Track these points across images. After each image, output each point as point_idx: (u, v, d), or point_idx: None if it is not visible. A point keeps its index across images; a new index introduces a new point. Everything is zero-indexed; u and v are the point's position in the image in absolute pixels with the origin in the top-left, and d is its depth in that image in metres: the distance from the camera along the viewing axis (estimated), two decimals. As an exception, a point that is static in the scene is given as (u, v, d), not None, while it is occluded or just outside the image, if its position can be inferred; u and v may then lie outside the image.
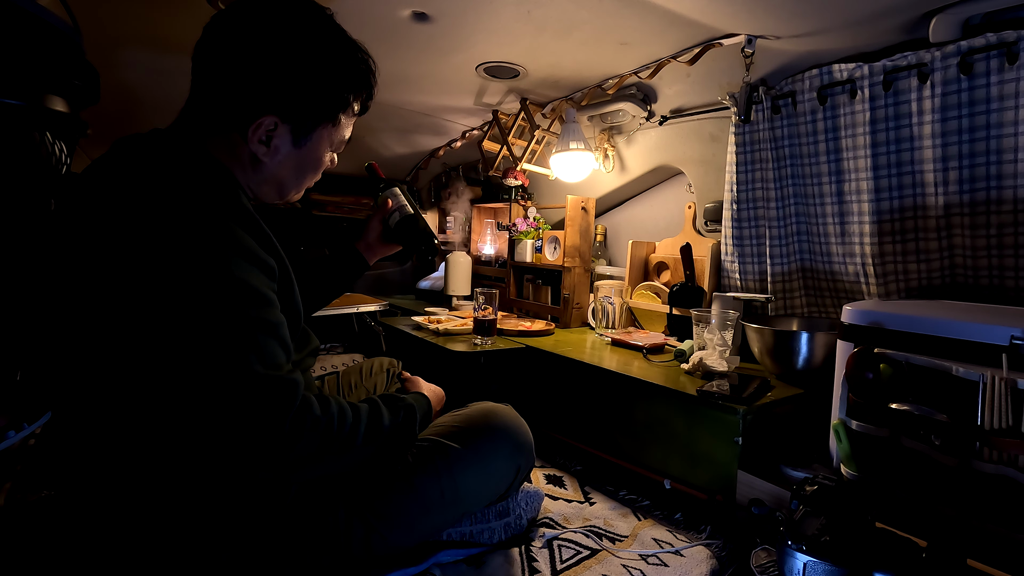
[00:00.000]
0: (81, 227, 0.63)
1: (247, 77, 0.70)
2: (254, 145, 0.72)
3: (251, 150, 0.72)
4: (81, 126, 0.98)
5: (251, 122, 0.71)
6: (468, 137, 2.18)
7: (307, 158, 0.78)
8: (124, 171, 0.65)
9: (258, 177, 0.76)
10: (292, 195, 0.83)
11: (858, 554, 0.72)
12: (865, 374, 0.90)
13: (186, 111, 0.74)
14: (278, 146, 0.74)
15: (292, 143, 0.75)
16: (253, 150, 0.72)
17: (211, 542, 0.68)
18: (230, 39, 0.70)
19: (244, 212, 0.68)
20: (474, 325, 1.49)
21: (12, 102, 0.84)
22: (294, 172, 0.79)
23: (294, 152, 0.76)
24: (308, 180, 0.82)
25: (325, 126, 0.77)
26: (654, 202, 1.93)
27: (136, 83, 1.55)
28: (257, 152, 0.73)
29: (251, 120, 0.70)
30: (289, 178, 0.79)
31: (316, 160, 0.80)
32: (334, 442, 0.68)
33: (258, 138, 0.72)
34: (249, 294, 0.63)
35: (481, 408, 0.95)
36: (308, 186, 0.84)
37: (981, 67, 1.02)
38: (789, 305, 1.41)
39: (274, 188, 0.79)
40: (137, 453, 0.65)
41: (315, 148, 0.78)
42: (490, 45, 1.42)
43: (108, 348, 0.62)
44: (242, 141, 0.72)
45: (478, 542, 0.94)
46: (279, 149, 0.74)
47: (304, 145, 0.76)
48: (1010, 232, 1.04)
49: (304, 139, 0.76)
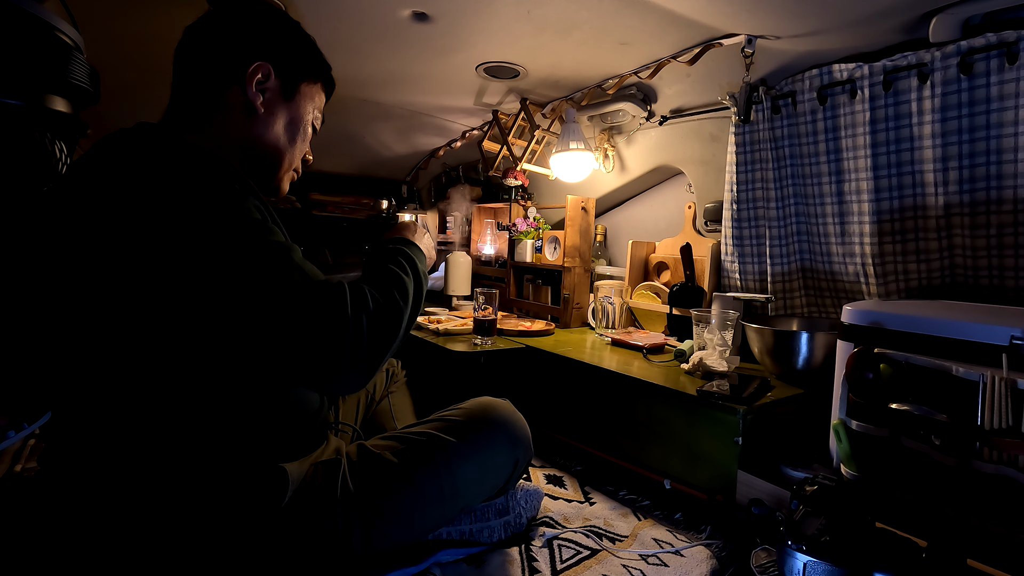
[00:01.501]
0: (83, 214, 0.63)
1: (241, 32, 0.78)
2: (251, 93, 0.77)
3: (248, 99, 0.77)
4: (81, 126, 0.98)
5: (247, 67, 0.77)
6: (468, 137, 2.18)
7: (295, 116, 0.84)
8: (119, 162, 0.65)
9: (253, 137, 0.79)
10: (282, 171, 0.86)
11: (858, 554, 0.72)
12: (865, 374, 0.90)
13: (172, 104, 0.78)
14: (271, 99, 0.80)
15: (283, 96, 0.81)
16: (250, 98, 0.77)
17: (211, 539, 0.68)
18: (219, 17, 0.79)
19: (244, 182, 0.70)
20: (474, 325, 1.49)
21: (12, 102, 0.84)
22: (286, 130, 0.83)
23: (285, 105, 0.82)
24: (296, 149, 0.86)
25: (308, 83, 0.85)
26: (654, 202, 1.93)
27: (136, 83, 1.55)
28: (254, 101, 0.78)
29: (248, 65, 0.77)
30: (281, 139, 0.83)
31: (303, 120, 0.85)
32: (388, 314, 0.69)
33: (254, 85, 0.77)
34: (266, 227, 0.66)
35: (479, 402, 0.95)
36: (295, 164, 0.88)
37: (981, 67, 1.02)
38: (789, 305, 1.41)
39: (267, 156, 0.82)
40: (146, 446, 0.65)
41: (302, 104, 0.84)
42: (490, 45, 1.42)
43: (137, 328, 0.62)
44: (240, 94, 0.77)
45: (478, 541, 0.94)
46: (272, 103, 0.80)
47: (293, 100, 0.83)
48: (1010, 232, 1.04)
49: (293, 93, 0.82)
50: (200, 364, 0.65)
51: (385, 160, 2.46)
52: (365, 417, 1.21)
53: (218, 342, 0.64)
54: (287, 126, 0.83)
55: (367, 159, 2.42)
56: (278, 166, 0.84)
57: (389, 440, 0.87)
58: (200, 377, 0.66)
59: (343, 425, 1.09)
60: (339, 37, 1.37)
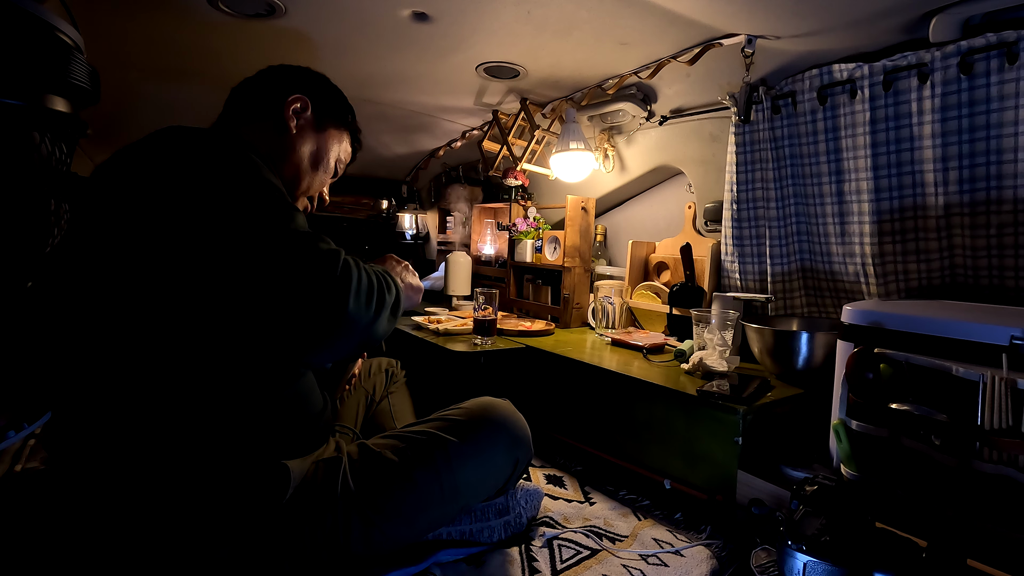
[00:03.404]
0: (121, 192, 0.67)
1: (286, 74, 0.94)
2: (288, 115, 0.89)
3: (284, 117, 0.89)
4: (81, 126, 0.98)
5: (287, 97, 0.89)
6: (468, 137, 2.18)
7: (320, 147, 0.93)
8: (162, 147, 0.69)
9: (279, 152, 0.88)
10: (298, 191, 0.93)
11: (858, 554, 0.72)
12: (865, 374, 0.90)
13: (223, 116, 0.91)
14: (303, 126, 0.91)
15: (314, 126, 0.92)
16: (286, 117, 0.89)
17: (211, 538, 0.68)
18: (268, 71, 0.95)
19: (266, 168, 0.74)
20: (474, 325, 1.49)
21: (12, 102, 0.84)
22: (308, 157, 0.92)
23: (312, 135, 0.92)
24: (316, 177, 0.94)
25: (337, 127, 0.96)
26: (654, 202, 1.93)
27: (136, 83, 1.56)
28: (289, 120, 0.89)
29: (288, 95, 0.89)
30: (304, 163, 0.91)
31: (326, 153, 0.94)
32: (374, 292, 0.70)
33: (291, 110, 0.89)
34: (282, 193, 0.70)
35: (479, 402, 0.96)
36: (311, 191, 0.95)
37: (981, 67, 1.02)
38: (789, 305, 1.41)
39: (289, 171, 0.90)
40: (146, 440, 0.65)
41: (328, 140, 0.94)
42: (490, 45, 1.42)
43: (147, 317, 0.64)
44: (278, 116, 0.89)
45: (478, 541, 0.94)
46: (303, 129, 0.91)
47: (322, 132, 0.93)
48: (1010, 232, 1.04)
49: (322, 128, 0.93)
50: (208, 356, 0.66)
51: (385, 160, 2.46)
52: (365, 417, 1.21)
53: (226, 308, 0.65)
54: (312, 153, 0.92)
55: (367, 159, 2.42)
56: (296, 184, 0.92)
57: (390, 439, 0.87)
58: (207, 372, 0.66)
59: (342, 427, 1.10)
60: (339, 37, 1.37)
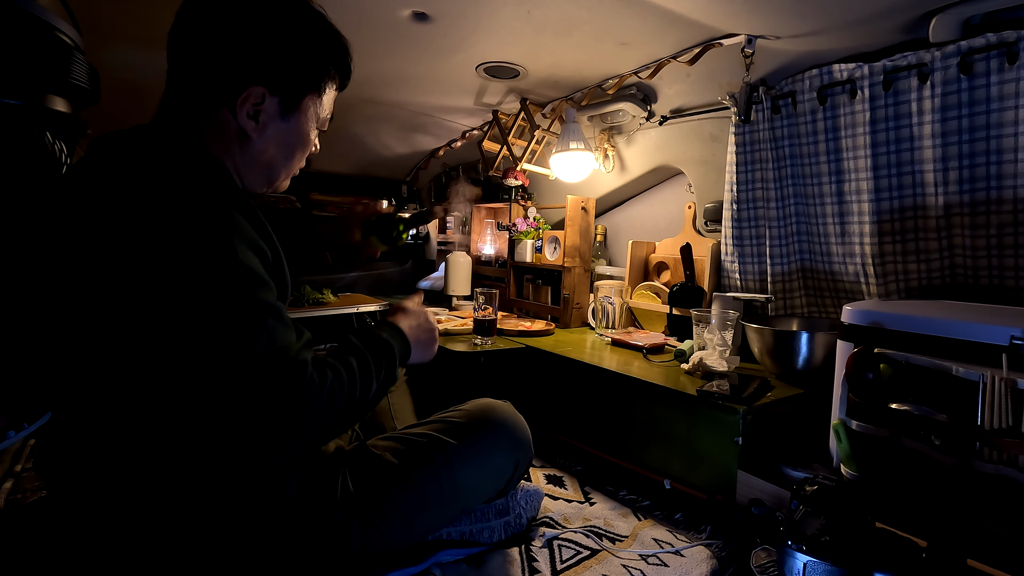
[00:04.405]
0: (78, 227, 0.63)
1: (232, 47, 0.70)
2: (243, 120, 0.72)
3: (240, 125, 0.72)
4: (81, 126, 0.98)
5: (239, 93, 0.71)
6: (468, 137, 2.18)
7: (294, 132, 0.78)
8: (116, 168, 0.65)
9: (246, 159, 0.75)
10: (280, 180, 0.82)
11: (858, 554, 0.72)
12: (865, 374, 0.90)
13: (165, 102, 0.73)
14: (266, 122, 0.74)
15: (280, 115, 0.75)
16: (242, 125, 0.72)
17: (210, 541, 0.68)
18: (211, 14, 0.70)
19: (240, 197, 0.69)
20: (474, 325, 1.49)
21: (12, 102, 0.84)
22: (282, 150, 0.78)
23: (282, 126, 0.76)
24: (295, 161, 0.81)
25: (311, 96, 0.77)
26: (654, 202, 1.93)
27: (136, 83, 1.55)
28: (246, 127, 0.72)
29: (239, 91, 0.71)
30: (277, 157, 0.78)
31: (303, 136, 0.79)
32: (336, 410, 0.67)
33: (247, 111, 0.72)
34: (255, 278, 0.63)
35: (479, 404, 0.95)
36: (294, 171, 0.83)
37: (981, 67, 1.02)
38: (789, 305, 1.41)
39: (263, 171, 0.78)
40: (139, 450, 0.65)
41: (302, 121, 0.78)
42: (490, 45, 1.42)
43: (114, 344, 0.62)
44: (231, 117, 0.72)
45: (478, 541, 0.94)
46: (267, 125, 0.74)
47: (291, 118, 0.76)
48: (1010, 232, 1.04)
49: (291, 111, 0.76)
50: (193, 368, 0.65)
51: (385, 160, 2.46)
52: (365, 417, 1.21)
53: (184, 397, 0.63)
54: (288, 144, 0.78)
55: (367, 159, 2.42)
56: (274, 179, 0.81)
57: (390, 441, 0.87)
58: (196, 377, 0.66)
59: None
60: (339, 37, 1.37)
